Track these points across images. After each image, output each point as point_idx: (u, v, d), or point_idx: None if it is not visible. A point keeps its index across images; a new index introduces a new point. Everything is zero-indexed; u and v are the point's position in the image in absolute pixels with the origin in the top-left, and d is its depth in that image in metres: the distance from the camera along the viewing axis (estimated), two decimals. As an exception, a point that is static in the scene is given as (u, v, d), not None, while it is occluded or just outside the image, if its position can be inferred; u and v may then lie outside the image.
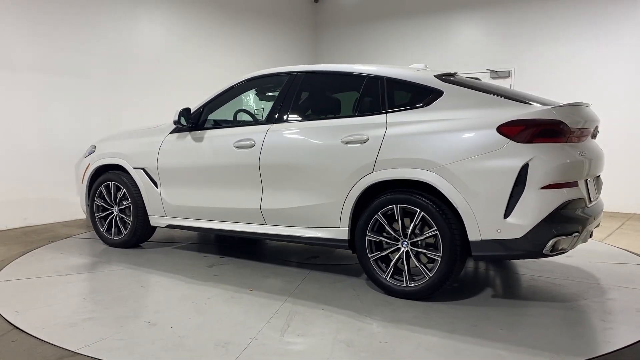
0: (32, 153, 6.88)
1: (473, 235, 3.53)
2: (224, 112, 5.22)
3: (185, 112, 4.82)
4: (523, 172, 3.40)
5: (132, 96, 7.99)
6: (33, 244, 5.77)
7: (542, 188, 3.39)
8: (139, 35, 8.12)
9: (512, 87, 8.88)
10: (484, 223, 3.49)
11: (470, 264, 4.81)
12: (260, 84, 4.92)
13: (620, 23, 8.16)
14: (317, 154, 4.16)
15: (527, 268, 4.70)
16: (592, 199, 3.88)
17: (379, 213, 3.86)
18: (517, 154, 3.42)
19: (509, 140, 3.46)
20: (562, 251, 3.55)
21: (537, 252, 3.45)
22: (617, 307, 3.74)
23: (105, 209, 5.52)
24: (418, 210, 3.69)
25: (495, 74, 9.17)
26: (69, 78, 7.19)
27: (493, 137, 3.50)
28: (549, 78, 8.66)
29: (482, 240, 3.51)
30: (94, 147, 5.68)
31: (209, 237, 6.10)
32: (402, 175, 3.76)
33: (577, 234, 3.52)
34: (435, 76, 3.97)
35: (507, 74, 9.16)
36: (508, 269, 4.71)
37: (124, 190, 5.32)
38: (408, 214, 3.77)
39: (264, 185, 4.41)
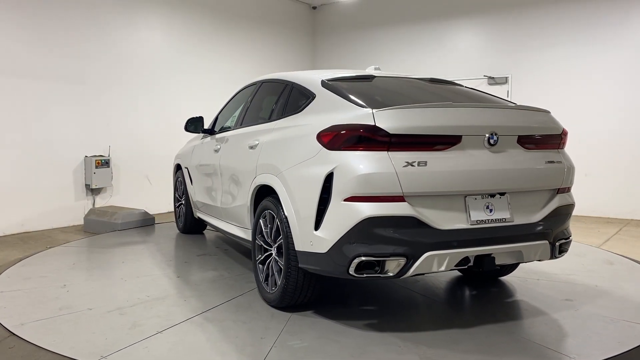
0: (30, 159, 6.92)
1: (297, 245, 3.36)
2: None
3: (195, 120, 5.57)
4: (329, 181, 3.11)
5: (131, 103, 8.12)
6: (31, 249, 5.80)
7: (345, 200, 3.04)
8: (138, 42, 8.24)
9: (509, 94, 8.85)
10: (302, 233, 3.30)
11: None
12: (249, 92, 5.33)
13: (615, 29, 8.07)
14: (236, 157, 4.47)
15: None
16: (476, 220, 3.19)
17: (260, 218, 3.94)
18: (325, 162, 3.15)
19: (322, 147, 3.21)
20: (386, 275, 3.08)
21: (342, 271, 3.08)
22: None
23: (178, 200, 6.70)
24: (275, 216, 3.67)
25: (492, 81, 9.12)
26: (67, 84, 7.28)
27: (312, 144, 3.29)
28: (546, 84, 8.62)
29: (302, 252, 3.32)
30: (181, 149, 6.91)
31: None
32: (262, 181, 3.79)
33: (403, 258, 3.01)
34: (327, 79, 3.81)
35: (504, 80, 9.08)
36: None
37: (183, 185, 6.39)
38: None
39: (222, 184, 4.87)
